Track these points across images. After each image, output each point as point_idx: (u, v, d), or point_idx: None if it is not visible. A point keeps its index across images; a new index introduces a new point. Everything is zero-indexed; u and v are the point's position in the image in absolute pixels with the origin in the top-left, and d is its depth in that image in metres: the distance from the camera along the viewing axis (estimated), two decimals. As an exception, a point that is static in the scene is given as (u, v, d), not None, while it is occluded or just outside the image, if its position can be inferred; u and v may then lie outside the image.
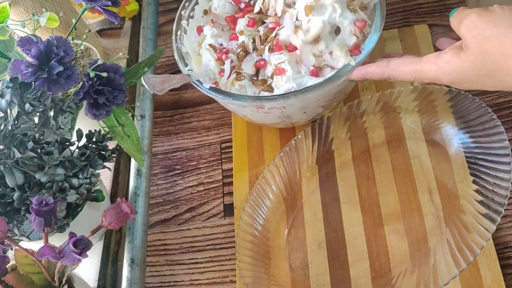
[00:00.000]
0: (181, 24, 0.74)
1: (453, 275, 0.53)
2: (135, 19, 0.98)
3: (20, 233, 0.65)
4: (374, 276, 0.62)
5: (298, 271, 0.66)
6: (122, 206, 0.57)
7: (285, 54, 0.66)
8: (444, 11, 0.85)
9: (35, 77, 0.61)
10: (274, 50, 0.67)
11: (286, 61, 0.65)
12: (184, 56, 0.71)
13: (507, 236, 0.64)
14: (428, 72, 0.52)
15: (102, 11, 0.68)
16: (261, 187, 0.71)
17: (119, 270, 0.73)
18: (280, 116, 0.70)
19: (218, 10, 0.74)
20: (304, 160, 0.73)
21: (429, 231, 0.63)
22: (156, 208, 0.79)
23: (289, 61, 0.65)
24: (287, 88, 0.65)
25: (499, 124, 0.60)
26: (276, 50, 0.67)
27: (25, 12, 0.78)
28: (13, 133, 0.58)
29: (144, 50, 0.91)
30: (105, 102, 0.65)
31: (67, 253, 0.52)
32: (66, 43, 0.63)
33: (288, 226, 0.69)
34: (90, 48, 0.82)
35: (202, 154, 0.82)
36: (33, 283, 0.58)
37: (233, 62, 0.70)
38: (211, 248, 0.73)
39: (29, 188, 0.58)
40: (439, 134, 0.68)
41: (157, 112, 0.88)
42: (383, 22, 0.65)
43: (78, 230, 0.56)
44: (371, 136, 0.73)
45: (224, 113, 0.85)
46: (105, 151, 0.65)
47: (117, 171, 0.82)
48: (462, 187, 0.63)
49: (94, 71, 0.64)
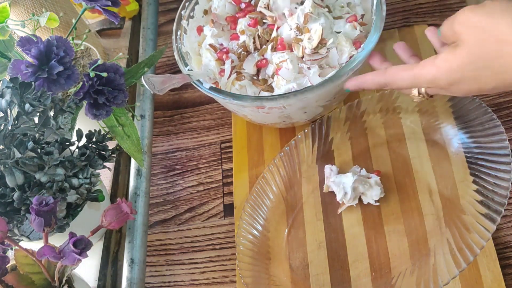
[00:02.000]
0: (181, 24, 0.74)
1: (453, 275, 0.53)
2: (135, 19, 0.98)
3: (20, 233, 0.65)
4: (374, 276, 0.62)
5: (298, 271, 0.66)
6: (122, 206, 0.57)
7: (288, 53, 0.66)
8: (444, 11, 0.85)
9: (35, 77, 0.61)
10: (278, 49, 0.67)
11: (288, 60, 0.65)
12: (184, 56, 0.71)
13: (507, 236, 0.64)
14: (427, 74, 0.51)
15: (102, 11, 0.68)
16: (261, 187, 0.71)
17: (119, 270, 0.73)
18: (280, 116, 0.70)
19: (218, 10, 0.74)
20: (304, 160, 0.73)
21: (429, 231, 0.63)
22: (156, 208, 0.79)
23: (291, 59, 0.65)
24: (288, 88, 0.65)
25: (499, 124, 0.60)
26: (280, 49, 0.67)
27: (25, 12, 0.78)
28: (13, 133, 0.58)
29: (144, 50, 0.91)
30: (105, 102, 0.65)
31: (67, 253, 0.52)
32: (66, 43, 0.63)
33: (288, 226, 0.69)
34: (90, 48, 0.82)
35: (202, 154, 0.82)
36: (33, 283, 0.58)
37: (234, 62, 0.70)
38: (211, 248, 0.73)
39: (29, 188, 0.58)
40: (439, 134, 0.68)
41: (157, 112, 0.88)
42: (383, 22, 0.65)
43: (78, 230, 0.56)
44: (371, 136, 0.73)
45: (224, 113, 0.85)
46: (105, 151, 0.65)
47: (117, 171, 0.82)
48: (462, 187, 0.63)
49: (94, 71, 0.64)
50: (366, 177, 0.67)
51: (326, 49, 0.65)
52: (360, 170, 0.69)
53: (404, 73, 0.53)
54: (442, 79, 0.50)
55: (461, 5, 0.84)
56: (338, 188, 0.67)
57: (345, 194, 0.66)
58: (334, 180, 0.68)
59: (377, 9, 0.66)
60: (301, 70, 0.66)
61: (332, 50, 0.66)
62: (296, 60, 0.66)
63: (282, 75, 0.66)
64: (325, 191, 0.70)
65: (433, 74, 0.50)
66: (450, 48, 0.49)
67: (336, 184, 0.67)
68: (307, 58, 0.65)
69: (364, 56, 0.63)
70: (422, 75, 0.51)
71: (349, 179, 0.66)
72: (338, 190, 0.67)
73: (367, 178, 0.67)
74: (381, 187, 0.66)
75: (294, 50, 0.66)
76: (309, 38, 0.65)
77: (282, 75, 0.66)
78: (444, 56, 0.49)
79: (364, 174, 0.68)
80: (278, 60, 0.66)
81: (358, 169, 0.69)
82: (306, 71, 0.66)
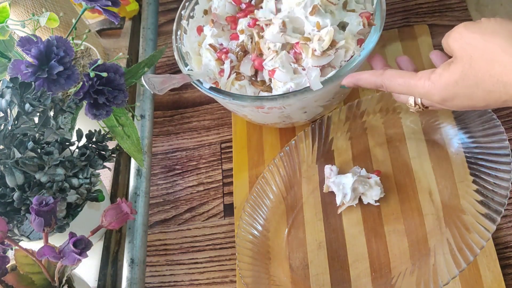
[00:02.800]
0: (181, 24, 0.74)
1: (453, 275, 0.53)
2: (135, 19, 0.98)
3: (20, 233, 0.65)
4: (374, 276, 0.62)
5: (298, 271, 0.66)
6: (122, 206, 0.57)
7: (275, 59, 0.65)
8: (444, 11, 0.85)
9: (35, 77, 0.61)
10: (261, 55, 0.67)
11: (279, 66, 0.65)
12: (184, 56, 0.71)
13: (507, 236, 0.64)
14: (421, 87, 0.51)
15: (102, 11, 0.68)
16: (261, 187, 0.71)
17: (119, 270, 0.73)
18: (280, 116, 0.70)
19: (219, 10, 0.74)
20: (304, 160, 0.73)
21: (429, 231, 0.63)
22: (156, 208, 0.79)
23: (282, 64, 0.65)
24: (286, 89, 0.65)
25: (499, 124, 0.60)
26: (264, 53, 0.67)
27: (25, 12, 0.78)
28: (13, 133, 0.58)
29: (144, 50, 0.91)
30: (105, 102, 0.65)
31: (67, 253, 0.52)
32: (66, 43, 0.63)
33: (288, 226, 0.69)
34: (90, 48, 0.82)
35: (202, 154, 0.82)
36: (33, 283, 0.58)
37: (233, 62, 0.70)
38: (211, 248, 0.73)
39: (29, 188, 0.58)
40: (439, 134, 0.68)
41: (157, 112, 0.88)
42: (383, 22, 0.65)
43: (78, 230, 0.56)
44: (371, 136, 0.73)
45: (224, 113, 0.85)
46: (105, 151, 0.65)
47: (117, 171, 0.82)
48: (462, 187, 0.63)
49: (94, 71, 0.64)
50: (366, 177, 0.67)
51: (335, 49, 0.65)
52: (360, 171, 0.69)
53: (400, 79, 0.53)
54: (436, 94, 0.50)
55: (461, 5, 0.84)
56: (338, 189, 0.67)
57: (344, 195, 0.66)
58: (334, 181, 0.68)
59: (377, 9, 0.66)
60: (297, 70, 0.66)
61: (340, 50, 0.65)
62: (287, 62, 0.66)
63: (278, 78, 0.65)
64: (325, 191, 0.70)
65: (427, 89, 0.50)
66: (446, 64, 0.49)
67: (336, 185, 0.67)
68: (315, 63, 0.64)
69: (364, 56, 0.63)
70: (417, 87, 0.51)
71: (349, 180, 0.66)
72: (338, 192, 0.67)
73: (367, 178, 0.67)
74: (381, 187, 0.66)
75: (303, 53, 0.65)
76: (319, 39, 0.64)
77: (278, 78, 0.65)
78: (439, 71, 0.49)
79: (364, 174, 0.68)
80: (271, 67, 0.66)
81: (358, 170, 0.69)
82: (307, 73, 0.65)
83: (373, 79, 0.57)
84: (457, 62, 0.48)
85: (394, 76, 0.54)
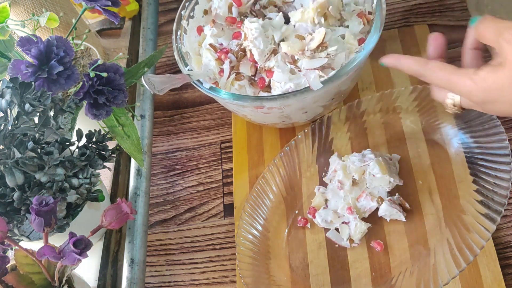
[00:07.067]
0: (181, 24, 0.74)
1: (453, 275, 0.53)
2: (135, 19, 0.98)
3: (20, 233, 0.65)
4: (374, 276, 0.62)
5: (298, 271, 0.66)
6: (122, 206, 0.57)
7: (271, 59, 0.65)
8: (444, 11, 0.85)
9: (35, 77, 0.61)
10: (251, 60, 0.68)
11: (275, 67, 0.65)
12: (184, 56, 0.71)
13: (507, 236, 0.64)
14: (463, 85, 0.49)
15: (102, 11, 0.68)
16: (261, 187, 0.71)
17: (119, 270, 0.73)
18: (280, 116, 0.70)
19: (219, 10, 0.74)
20: (304, 160, 0.73)
21: (429, 231, 0.63)
22: (156, 208, 0.79)
23: (277, 65, 0.65)
24: (285, 89, 0.65)
25: (499, 124, 0.60)
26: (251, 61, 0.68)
27: (25, 12, 0.78)
28: (13, 133, 0.58)
29: (144, 50, 0.91)
30: (105, 102, 0.65)
31: (67, 253, 0.52)
32: (66, 43, 0.63)
33: (288, 226, 0.69)
34: (90, 48, 0.82)
35: (202, 154, 0.82)
36: (33, 283, 0.58)
37: (232, 62, 0.70)
38: (211, 248, 0.73)
39: (29, 188, 0.58)
40: (439, 134, 0.68)
41: (157, 112, 0.88)
42: (383, 22, 0.65)
43: (78, 230, 0.56)
44: (371, 136, 0.72)
45: (224, 113, 0.85)
46: (105, 151, 0.65)
47: (117, 171, 0.82)
48: (462, 187, 0.63)
49: (94, 71, 0.64)
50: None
51: (326, 53, 0.65)
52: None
53: (441, 73, 0.52)
54: (478, 96, 0.49)
55: (461, 5, 0.84)
56: (327, 225, 0.67)
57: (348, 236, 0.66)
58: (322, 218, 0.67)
59: (377, 9, 0.66)
60: (293, 71, 0.66)
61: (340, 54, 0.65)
62: (283, 64, 0.66)
63: (276, 78, 0.65)
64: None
65: (469, 89, 0.49)
66: (493, 67, 0.47)
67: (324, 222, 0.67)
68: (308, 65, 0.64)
69: (364, 56, 0.63)
70: (458, 84, 0.50)
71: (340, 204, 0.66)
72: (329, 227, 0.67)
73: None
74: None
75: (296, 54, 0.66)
76: (311, 38, 0.65)
77: (276, 78, 0.65)
78: (484, 75, 0.48)
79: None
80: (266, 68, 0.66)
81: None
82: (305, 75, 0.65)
83: (415, 67, 0.54)
84: (506, 66, 0.46)
85: (437, 69, 0.52)
